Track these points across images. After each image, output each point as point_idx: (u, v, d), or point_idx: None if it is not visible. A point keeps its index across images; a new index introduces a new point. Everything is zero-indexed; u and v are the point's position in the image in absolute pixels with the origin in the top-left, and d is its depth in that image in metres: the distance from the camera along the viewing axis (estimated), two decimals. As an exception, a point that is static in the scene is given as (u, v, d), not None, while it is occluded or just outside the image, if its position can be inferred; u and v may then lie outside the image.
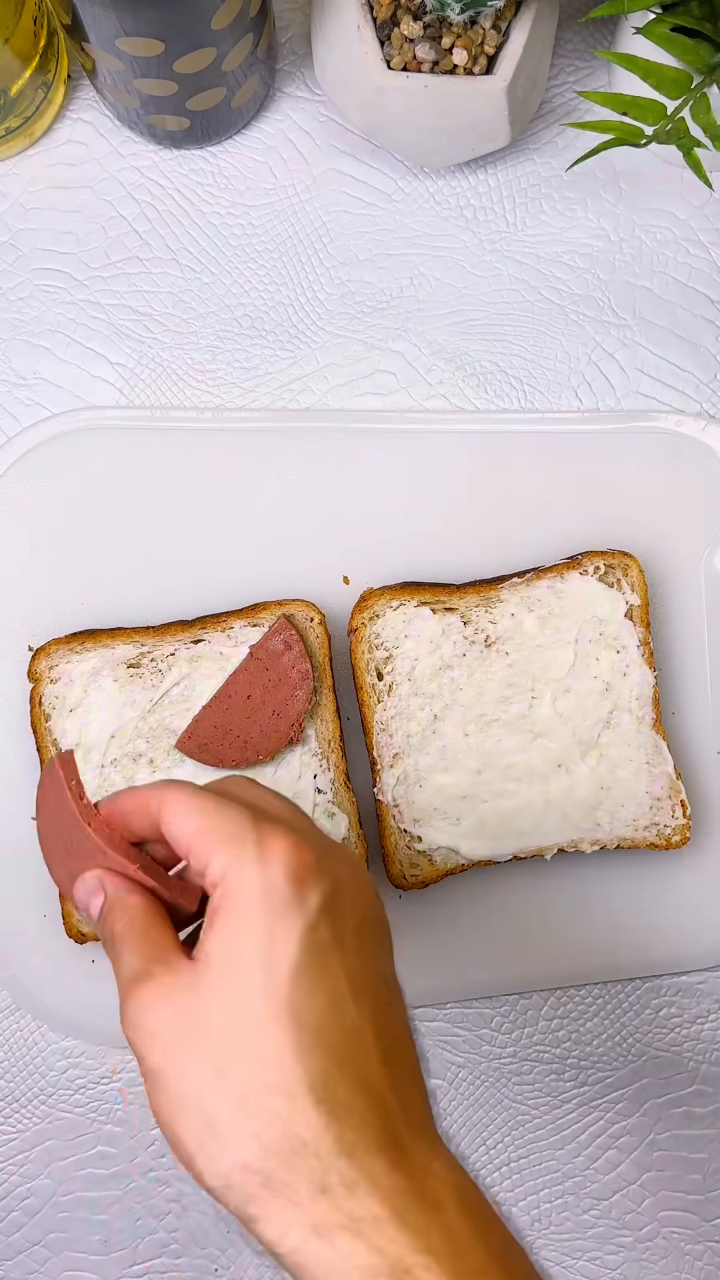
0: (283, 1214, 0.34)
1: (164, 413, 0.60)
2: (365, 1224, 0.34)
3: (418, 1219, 0.34)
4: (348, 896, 0.38)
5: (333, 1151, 0.35)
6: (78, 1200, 0.59)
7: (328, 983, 0.36)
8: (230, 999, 0.36)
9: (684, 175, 0.62)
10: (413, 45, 0.54)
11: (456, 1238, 0.35)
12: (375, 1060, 0.36)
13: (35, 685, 0.57)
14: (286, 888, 0.36)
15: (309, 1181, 0.34)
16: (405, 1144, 0.36)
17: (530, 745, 0.57)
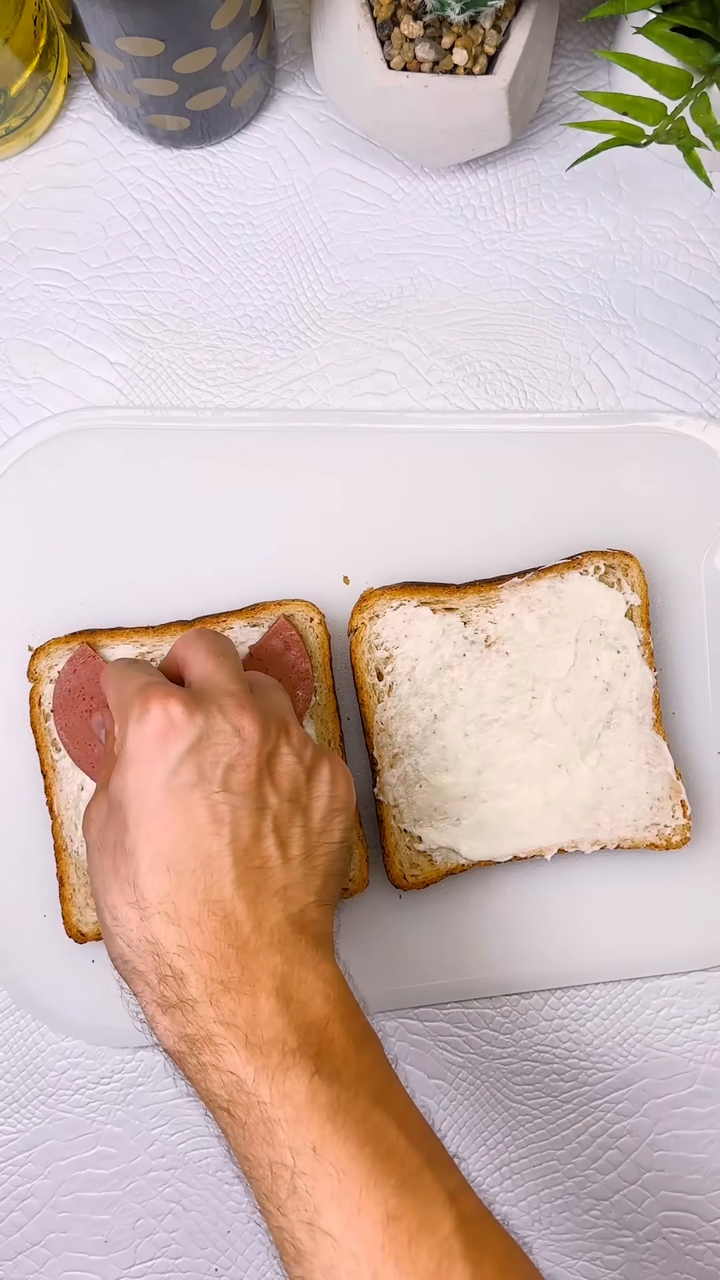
0: (143, 992, 0.45)
1: (164, 413, 0.60)
2: (187, 1004, 0.43)
3: (226, 999, 0.43)
4: (218, 740, 0.46)
5: (170, 951, 0.44)
6: (78, 1200, 0.59)
7: (184, 817, 0.45)
8: (115, 827, 0.46)
9: (684, 175, 0.62)
10: (413, 45, 0.54)
11: (259, 1013, 0.43)
12: (229, 880, 0.44)
13: (35, 685, 0.57)
14: (152, 742, 0.45)
15: (153, 971, 0.44)
16: (244, 942, 0.44)
17: (530, 745, 0.57)
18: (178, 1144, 0.59)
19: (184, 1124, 0.59)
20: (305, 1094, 0.42)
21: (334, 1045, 0.43)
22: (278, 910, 0.45)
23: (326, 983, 0.44)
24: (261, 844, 0.46)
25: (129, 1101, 0.59)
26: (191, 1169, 0.59)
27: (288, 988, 0.44)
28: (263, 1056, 0.42)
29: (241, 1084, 0.42)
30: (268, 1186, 0.42)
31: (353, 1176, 0.41)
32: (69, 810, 0.56)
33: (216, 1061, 0.43)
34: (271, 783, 0.47)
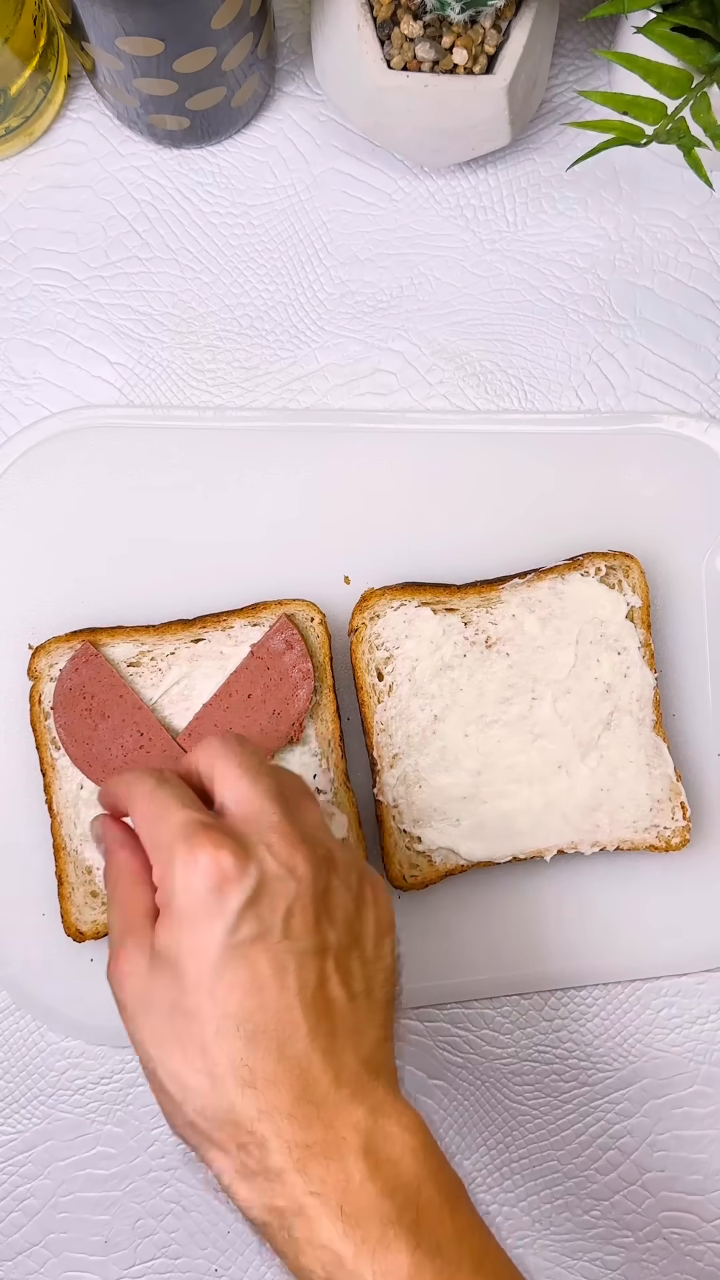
0: (218, 1161, 0.42)
1: (164, 412, 0.60)
2: (272, 1173, 0.41)
3: (315, 1167, 0.41)
4: (274, 888, 0.43)
5: (249, 1117, 0.41)
6: (78, 1200, 0.59)
7: (248, 973, 0.42)
8: (168, 986, 0.43)
9: (684, 175, 0.62)
10: (413, 45, 0.54)
11: (350, 1180, 0.41)
12: (302, 1034, 0.42)
13: (35, 683, 0.57)
14: (208, 897, 0.42)
15: (232, 1140, 0.42)
16: (324, 1100, 0.42)
17: (530, 746, 0.57)
18: (178, 1144, 0.59)
19: (184, 1124, 0.59)
20: (409, 1272, 0.40)
21: (430, 1210, 0.41)
22: (352, 1057, 0.43)
23: (411, 1133, 0.42)
24: (327, 987, 0.43)
25: (129, 1101, 0.59)
26: (191, 1169, 0.59)
27: (375, 1146, 0.41)
28: (361, 1230, 0.40)
29: (341, 1262, 0.40)
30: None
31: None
32: (68, 809, 0.56)
33: (311, 1236, 0.40)
34: (328, 920, 0.44)
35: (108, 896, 0.47)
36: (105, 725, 0.56)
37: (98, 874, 0.56)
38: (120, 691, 0.56)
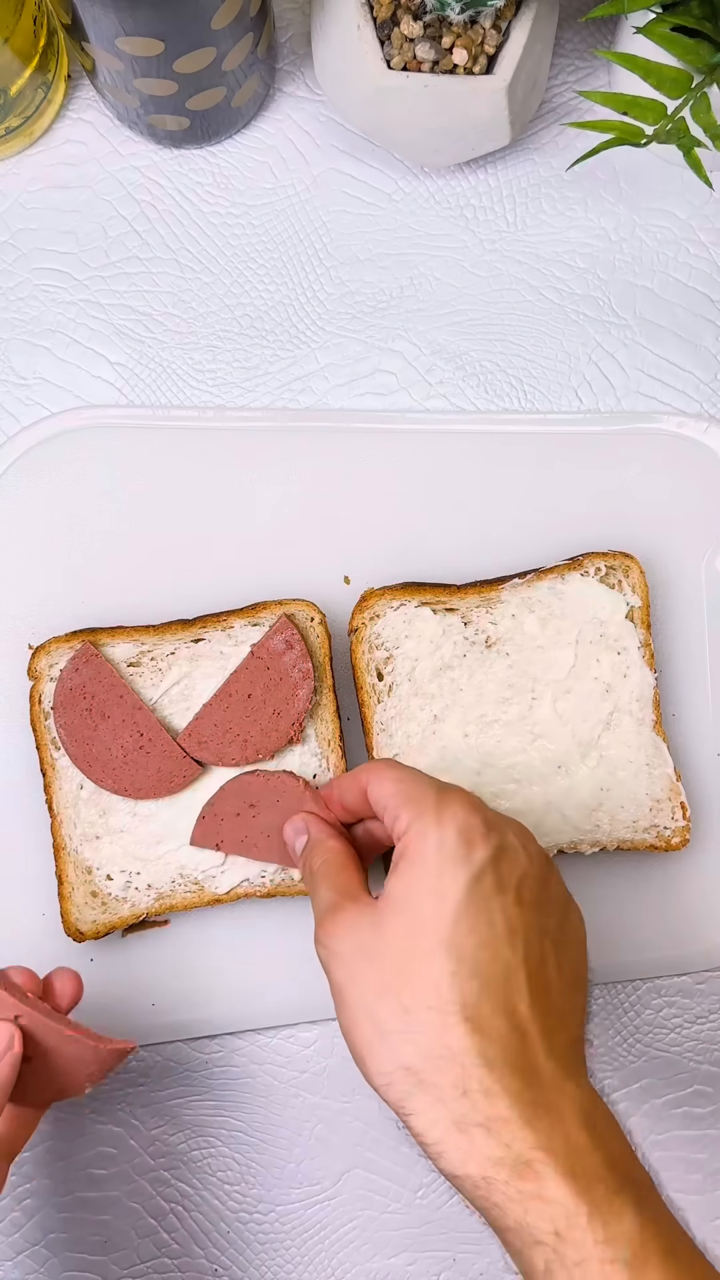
0: (430, 1109, 0.41)
1: (164, 412, 0.60)
2: (496, 1123, 0.41)
3: (541, 1123, 0.41)
4: (513, 856, 0.44)
5: (475, 1062, 0.41)
6: (78, 1200, 0.59)
7: (486, 924, 0.43)
8: (403, 931, 0.43)
9: (684, 175, 0.62)
10: (413, 45, 0.54)
11: (574, 1142, 0.41)
12: (524, 996, 0.43)
13: (35, 683, 0.57)
14: (457, 843, 0.43)
15: (454, 1085, 0.41)
16: (540, 1066, 0.42)
17: (530, 746, 0.57)
18: (178, 1144, 0.59)
19: (184, 1124, 0.59)
20: (640, 1235, 0.40)
21: (643, 1185, 0.42)
22: (563, 1035, 0.43)
23: (615, 1119, 0.43)
24: (546, 965, 0.44)
25: (129, 1101, 0.59)
26: (191, 1169, 0.59)
27: (590, 1118, 0.42)
28: (590, 1191, 0.40)
29: (573, 1219, 0.40)
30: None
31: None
32: (68, 809, 0.56)
33: (540, 1191, 0.40)
34: (549, 904, 0.45)
35: (314, 882, 0.48)
36: (105, 725, 0.56)
37: (98, 874, 0.56)
38: (120, 691, 0.56)
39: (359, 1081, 0.58)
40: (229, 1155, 0.59)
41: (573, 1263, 0.40)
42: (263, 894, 0.56)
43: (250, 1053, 0.59)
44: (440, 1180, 0.59)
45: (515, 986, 0.43)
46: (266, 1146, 0.59)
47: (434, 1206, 0.59)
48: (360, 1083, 0.58)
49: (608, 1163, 0.41)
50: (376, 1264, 0.59)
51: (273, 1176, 0.59)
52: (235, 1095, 0.59)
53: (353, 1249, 0.59)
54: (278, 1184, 0.59)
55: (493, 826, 0.45)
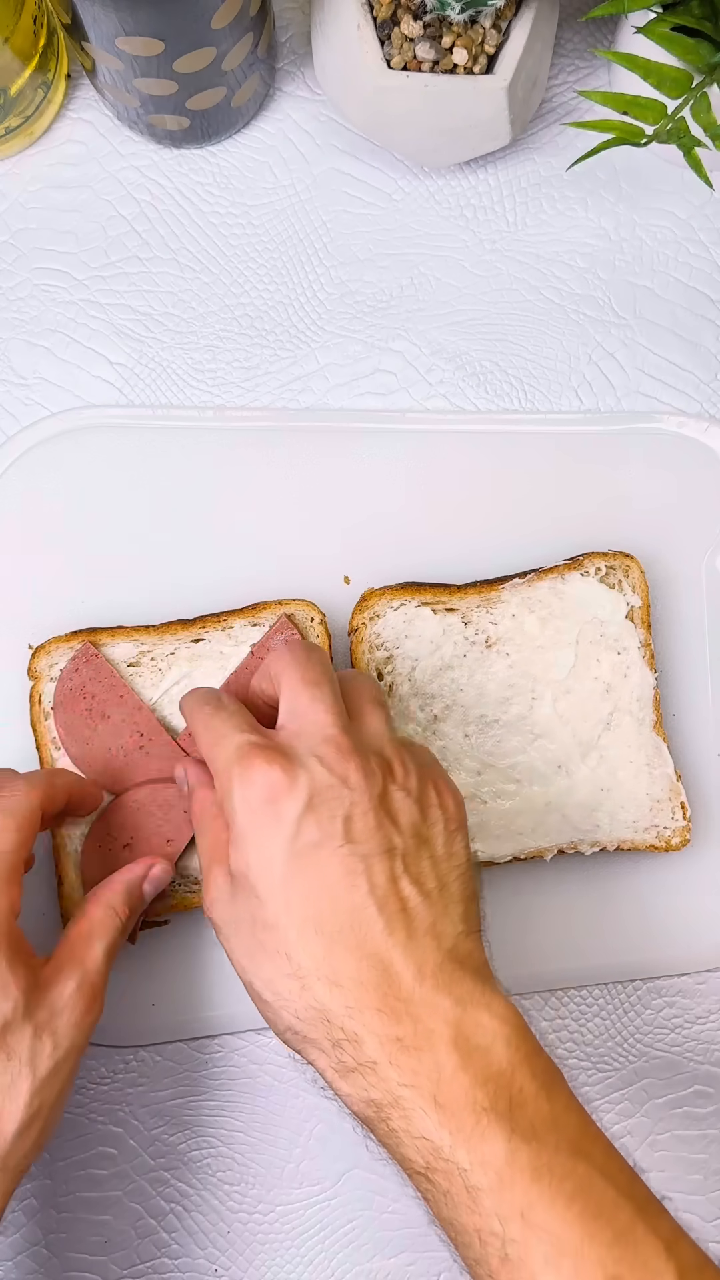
0: (318, 1060, 0.44)
1: (164, 411, 0.60)
2: (366, 1067, 0.42)
3: (407, 1060, 0.42)
4: (329, 796, 0.44)
5: (339, 1015, 0.43)
6: (78, 1200, 0.59)
7: (317, 878, 0.43)
8: (247, 906, 0.45)
9: (684, 175, 0.62)
10: (413, 45, 0.54)
11: (442, 1069, 0.41)
12: (377, 929, 0.43)
13: (35, 683, 0.57)
14: (264, 810, 0.44)
15: (326, 1038, 0.43)
16: (408, 996, 0.42)
17: (530, 746, 0.57)
18: (177, 1144, 0.59)
19: (184, 1124, 0.59)
20: (505, 1156, 0.40)
21: (524, 1096, 0.41)
22: (433, 950, 0.43)
23: (502, 1021, 0.43)
24: (398, 886, 0.44)
25: (129, 1101, 0.59)
26: (191, 1169, 0.59)
27: (465, 1036, 0.42)
28: (455, 1119, 0.41)
29: (438, 1150, 0.41)
30: (477, 1253, 0.41)
31: (566, 1239, 0.39)
32: (69, 810, 0.56)
33: (408, 1127, 0.41)
34: (391, 824, 0.45)
35: (196, 834, 0.49)
36: (105, 725, 0.56)
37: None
38: (120, 692, 0.56)
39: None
40: (229, 1155, 0.59)
41: (442, 1191, 0.41)
42: (263, 894, 0.56)
43: (250, 1053, 0.59)
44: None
45: (365, 924, 0.43)
46: (266, 1146, 0.59)
47: (434, 1207, 0.59)
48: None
49: (478, 1079, 0.41)
50: (376, 1264, 0.59)
51: (273, 1176, 0.59)
52: (235, 1095, 0.59)
53: (353, 1249, 0.59)
54: (278, 1184, 0.59)
55: (297, 775, 0.44)
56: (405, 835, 0.45)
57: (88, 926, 0.49)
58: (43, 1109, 0.46)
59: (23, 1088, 0.45)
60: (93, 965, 0.48)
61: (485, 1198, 0.40)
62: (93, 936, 0.49)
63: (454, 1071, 0.41)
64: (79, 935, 0.49)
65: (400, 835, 0.45)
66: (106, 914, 0.50)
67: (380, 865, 0.44)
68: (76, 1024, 0.47)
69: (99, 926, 0.49)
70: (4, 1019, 0.45)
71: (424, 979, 0.43)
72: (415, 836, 0.45)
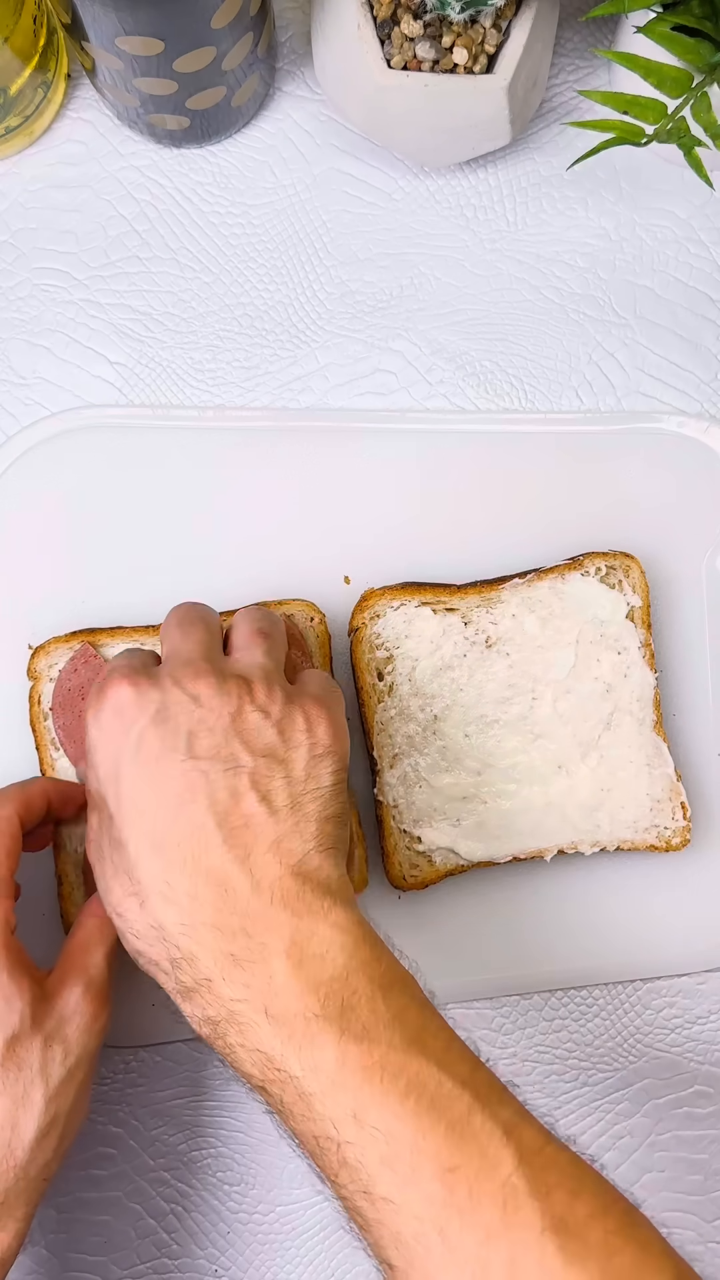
0: (163, 981, 0.44)
1: (164, 411, 0.60)
2: (203, 984, 0.42)
3: (239, 974, 0.42)
4: (176, 710, 0.44)
5: (174, 933, 0.43)
6: (77, 1201, 0.59)
7: (157, 791, 0.44)
8: (106, 830, 0.45)
9: (685, 174, 0.62)
10: (413, 44, 0.54)
11: (274, 981, 0.41)
12: (217, 845, 0.43)
13: (35, 684, 0.57)
14: (111, 724, 0.45)
15: (165, 958, 0.43)
16: (245, 908, 0.42)
17: (530, 746, 0.57)
18: (177, 1144, 0.59)
19: (184, 1124, 0.59)
20: (335, 1060, 0.40)
21: (358, 998, 0.41)
22: (274, 865, 0.43)
23: (340, 930, 0.43)
24: (241, 803, 0.44)
25: (129, 1102, 0.59)
26: (191, 1170, 0.59)
27: (299, 946, 0.42)
28: (286, 1028, 0.41)
29: (271, 1061, 0.41)
30: (319, 1160, 0.41)
31: (400, 1136, 0.39)
32: (68, 810, 0.56)
33: (243, 1040, 0.42)
34: (242, 742, 0.45)
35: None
36: None
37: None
38: None
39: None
40: (229, 1155, 0.59)
41: (279, 1103, 0.41)
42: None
43: (250, 1053, 0.59)
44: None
45: (203, 840, 0.43)
46: (266, 1147, 0.59)
47: (434, 1207, 0.59)
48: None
49: (310, 985, 0.41)
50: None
51: (273, 1177, 0.59)
52: (235, 1095, 0.59)
53: (353, 1250, 0.59)
54: (278, 1184, 0.59)
55: (148, 690, 0.45)
56: (256, 754, 0.45)
57: (85, 935, 0.50)
58: (59, 1117, 0.46)
59: (36, 1097, 0.45)
60: (95, 970, 0.48)
61: (318, 1103, 0.40)
62: (91, 943, 0.49)
63: (285, 980, 0.41)
64: (78, 945, 0.49)
65: (250, 754, 0.45)
66: (102, 921, 0.50)
67: (222, 781, 0.44)
68: (86, 1029, 0.47)
69: (96, 933, 0.50)
70: (11, 1031, 0.45)
71: (261, 893, 0.43)
72: (268, 756, 0.45)
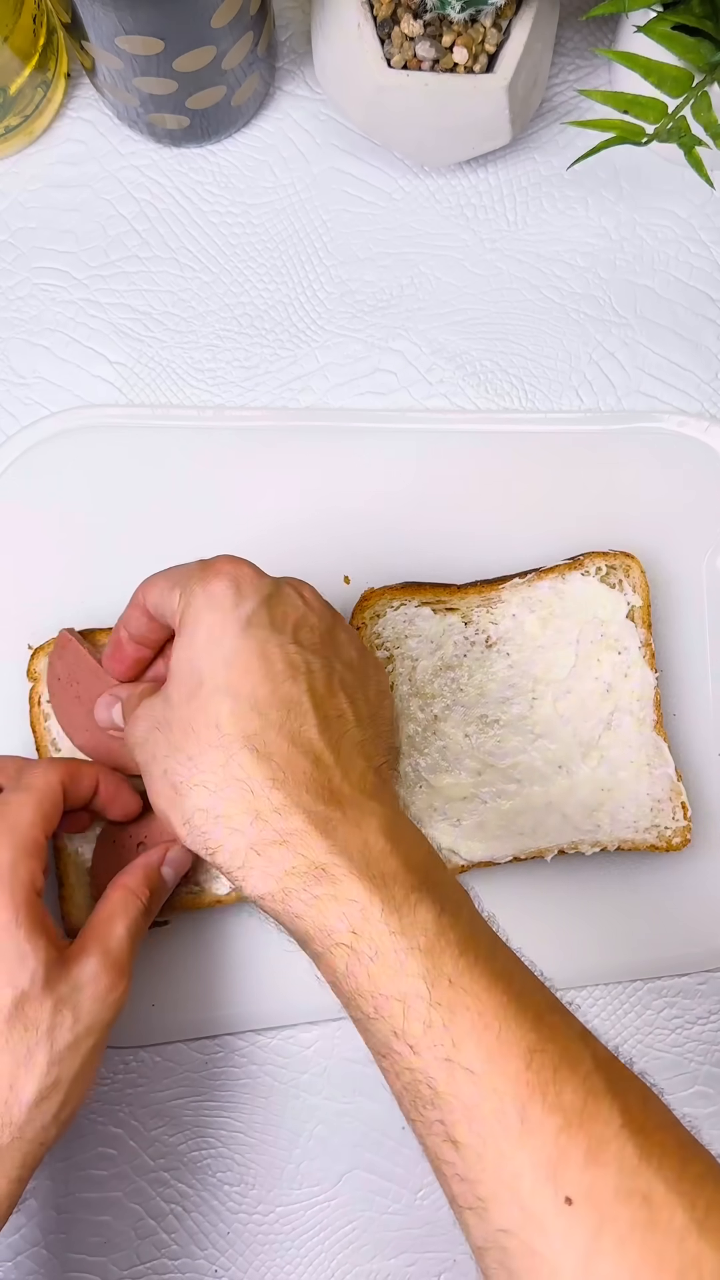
0: (229, 840, 0.43)
1: (164, 411, 0.60)
2: (291, 836, 0.42)
3: (338, 831, 0.42)
4: (287, 601, 0.46)
5: (263, 785, 0.42)
6: (77, 1201, 0.59)
7: (262, 662, 0.44)
8: (185, 692, 0.44)
9: (685, 174, 0.62)
10: (413, 43, 0.54)
11: (372, 848, 0.41)
12: (313, 725, 0.43)
13: (34, 684, 0.57)
14: (227, 592, 0.45)
15: (245, 812, 0.42)
16: (337, 787, 0.43)
17: (531, 746, 0.57)
18: (177, 1145, 0.59)
19: (184, 1124, 0.59)
20: (435, 927, 0.40)
21: (449, 889, 0.42)
22: (359, 761, 0.44)
23: (422, 835, 0.44)
24: (335, 697, 0.45)
25: (129, 1102, 0.59)
26: (191, 1170, 0.59)
27: (393, 826, 0.42)
28: (385, 889, 0.41)
29: (368, 913, 0.40)
30: (399, 1023, 0.40)
31: (491, 1010, 0.39)
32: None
33: (335, 892, 0.41)
34: (334, 650, 0.46)
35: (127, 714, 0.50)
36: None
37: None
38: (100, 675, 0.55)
39: (359, 1082, 0.58)
40: (229, 1156, 0.59)
41: (368, 957, 0.40)
42: (263, 894, 0.56)
43: (250, 1053, 0.59)
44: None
45: (301, 716, 0.43)
46: (266, 1147, 0.59)
47: (435, 1207, 0.59)
48: (361, 1084, 0.58)
49: (407, 865, 0.41)
50: (376, 1265, 0.59)
51: (272, 1177, 0.59)
52: (235, 1096, 0.59)
53: (353, 1250, 0.59)
54: (277, 1185, 0.59)
55: (263, 576, 0.46)
56: (344, 668, 0.46)
57: (108, 909, 0.49)
58: (61, 1082, 0.45)
59: (40, 1058, 0.45)
60: (115, 943, 0.48)
61: (415, 960, 0.40)
62: (114, 917, 0.49)
63: (383, 851, 0.41)
64: (100, 918, 0.49)
65: (341, 663, 0.46)
66: (126, 895, 0.50)
67: (321, 672, 0.45)
68: (100, 999, 0.46)
69: (119, 907, 0.49)
70: (21, 989, 0.45)
71: (351, 780, 0.43)
72: (352, 672, 0.47)
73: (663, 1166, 0.37)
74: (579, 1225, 0.36)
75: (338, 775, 0.43)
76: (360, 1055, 0.59)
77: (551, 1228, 0.36)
